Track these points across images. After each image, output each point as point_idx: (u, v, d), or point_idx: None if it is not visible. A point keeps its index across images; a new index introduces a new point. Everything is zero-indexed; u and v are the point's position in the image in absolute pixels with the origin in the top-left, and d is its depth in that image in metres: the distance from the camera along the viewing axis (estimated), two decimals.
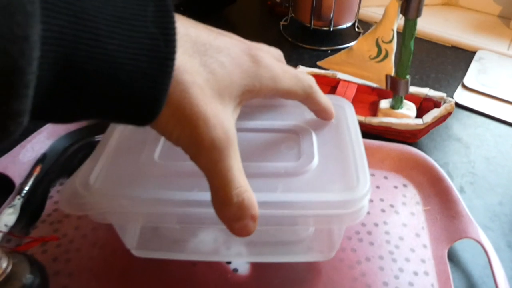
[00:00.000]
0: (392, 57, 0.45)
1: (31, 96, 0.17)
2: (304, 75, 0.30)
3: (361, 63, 0.47)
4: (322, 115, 0.34)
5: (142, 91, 0.20)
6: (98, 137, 0.47)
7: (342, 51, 0.48)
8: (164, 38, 0.20)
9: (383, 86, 0.47)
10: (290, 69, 0.29)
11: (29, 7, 0.16)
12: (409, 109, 0.49)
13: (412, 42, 0.44)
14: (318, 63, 0.50)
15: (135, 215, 0.29)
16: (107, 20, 0.19)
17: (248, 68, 0.25)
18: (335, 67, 0.49)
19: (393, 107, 0.48)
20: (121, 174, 0.30)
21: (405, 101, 0.49)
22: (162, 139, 0.32)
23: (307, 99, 0.31)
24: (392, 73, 0.46)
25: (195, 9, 0.68)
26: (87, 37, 0.18)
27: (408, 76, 0.46)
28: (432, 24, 0.72)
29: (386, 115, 0.48)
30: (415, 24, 0.43)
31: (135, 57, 0.20)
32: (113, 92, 0.20)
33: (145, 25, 0.20)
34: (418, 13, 0.42)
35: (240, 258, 0.36)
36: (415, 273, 0.36)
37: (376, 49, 0.45)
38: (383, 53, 0.45)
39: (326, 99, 0.32)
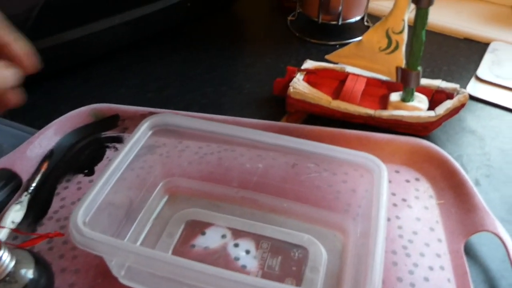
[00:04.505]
0: (403, 48, 0.44)
1: None
2: None
3: (371, 56, 0.45)
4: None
5: None
6: (105, 134, 0.47)
7: (351, 44, 0.47)
8: None
9: (394, 79, 0.46)
10: None
11: None
12: (420, 101, 0.47)
13: (424, 32, 0.43)
14: (327, 56, 0.49)
15: (125, 258, 0.29)
16: None
17: None
18: (344, 60, 0.48)
19: (404, 99, 0.47)
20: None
21: (416, 93, 0.47)
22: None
23: None
24: (403, 65, 0.45)
25: (203, 5, 0.68)
26: None
27: (419, 68, 0.45)
28: (444, 16, 0.71)
29: (397, 108, 0.47)
30: (427, 13, 0.42)
31: None
32: None
33: None
34: (430, 2, 0.41)
35: None
36: (431, 268, 0.35)
37: (386, 41, 0.44)
38: (394, 44, 0.44)
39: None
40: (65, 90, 0.55)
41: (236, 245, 0.36)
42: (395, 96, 0.48)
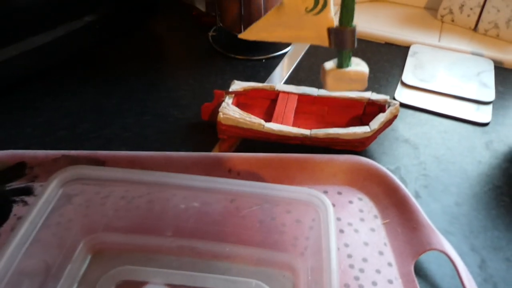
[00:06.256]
0: (331, 5, 0.37)
1: None
2: None
3: (295, 21, 0.38)
4: None
5: None
6: (10, 186, 0.40)
7: (268, 13, 0.38)
8: None
9: (326, 43, 0.39)
10: None
11: None
12: (358, 64, 0.40)
13: None
14: (240, 35, 0.40)
15: None
16: None
17: None
18: (263, 34, 0.39)
19: (340, 65, 0.40)
20: None
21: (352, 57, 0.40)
22: None
23: None
24: (334, 25, 0.38)
25: (114, 26, 0.62)
26: None
27: (354, 24, 0.38)
28: (363, 22, 0.71)
29: (336, 77, 0.39)
30: None
31: None
32: None
33: None
34: None
35: None
36: None
37: None
38: (321, 1, 0.37)
39: None
40: None
41: None
42: (329, 64, 0.40)
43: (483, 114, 0.53)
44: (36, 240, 0.30)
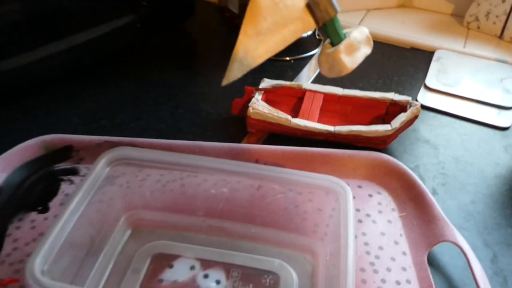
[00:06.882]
0: None
1: None
2: None
3: (276, 19, 0.32)
4: None
5: None
6: (58, 166, 0.44)
7: (241, 27, 0.32)
8: None
9: (315, 26, 0.35)
10: None
11: None
12: (360, 31, 0.36)
13: None
14: (223, 84, 0.32)
15: None
16: None
17: None
18: (252, 54, 0.32)
19: (332, 43, 0.35)
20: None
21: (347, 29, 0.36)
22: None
23: None
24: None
25: (153, 25, 0.66)
26: None
27: None
28: (390, 27, 0.73)
29: (335, 58, 0.35)
30: None
31: None
32: None
33: None
34: None
35: None
36: (398, 283, 0.36)
37: None
38: None
39: None
40: (8, 122, 0.52)
41: (205, 276, 0.36)
42: (324, 49, 0.36)
43: (504, 118, 0.55)
44: (82, 215, 0.33)
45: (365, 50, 0.36)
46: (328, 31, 0.35)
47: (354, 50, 0.35)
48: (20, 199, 0.41)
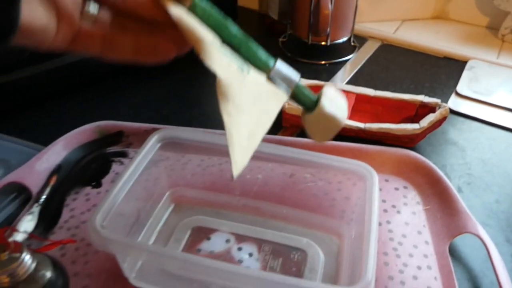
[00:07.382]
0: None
1: None
2: None
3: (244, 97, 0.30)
4: None
5: None
6: (110, 149, 0.49)
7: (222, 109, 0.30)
8: None
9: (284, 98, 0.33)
10: None
11: None
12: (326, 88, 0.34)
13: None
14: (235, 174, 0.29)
15: (138, 255, 0.32)
16: None
17: None
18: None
19: (310, 106, 0.33)
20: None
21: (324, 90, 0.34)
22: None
23: None
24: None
25: None
26: None
27: (272, 64, 0.34)
28: (424, 37, 0.75)
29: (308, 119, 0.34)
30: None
31: None
32: None
33: None
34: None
35: None
36: (419, 268, 0.38)
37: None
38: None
39: None
40: (66, 110, 0.58)
41: (239, 249, 0.39)
42: (306, 118, 0.35)
43: None
44: (130, 191, 0.37)
45: (343, 100, 0.35)
46: (298, 97, 0.33)
47: (334, 102, 0.33)
48: (77, 175, 0.46)
